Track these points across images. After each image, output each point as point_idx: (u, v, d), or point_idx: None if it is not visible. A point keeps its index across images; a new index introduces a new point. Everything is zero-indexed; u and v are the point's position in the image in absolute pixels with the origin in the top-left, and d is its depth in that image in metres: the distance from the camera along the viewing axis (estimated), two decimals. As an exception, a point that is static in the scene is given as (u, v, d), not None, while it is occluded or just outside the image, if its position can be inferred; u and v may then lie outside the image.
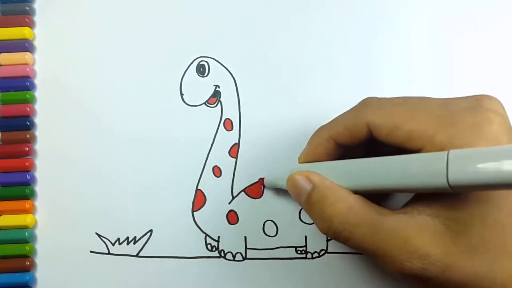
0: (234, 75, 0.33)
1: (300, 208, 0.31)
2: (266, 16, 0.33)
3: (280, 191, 0.31)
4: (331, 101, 0.32)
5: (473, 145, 0.21)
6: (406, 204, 0.24)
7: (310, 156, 0.27)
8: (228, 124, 0.32)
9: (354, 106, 0.26)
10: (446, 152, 0.20)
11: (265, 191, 0.32)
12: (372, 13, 0.33)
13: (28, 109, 0.32)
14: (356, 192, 0.24)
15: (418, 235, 0.22)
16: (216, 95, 0.32)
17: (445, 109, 0.23)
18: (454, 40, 0.33)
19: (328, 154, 0.27)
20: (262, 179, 0.31)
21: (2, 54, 0.33)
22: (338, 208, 0.24)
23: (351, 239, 0.24)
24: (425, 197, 0.23)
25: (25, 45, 0.33)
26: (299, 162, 0.28)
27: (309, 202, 0.25)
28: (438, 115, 0.23)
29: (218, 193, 0.32)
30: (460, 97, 0.24)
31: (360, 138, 0.25)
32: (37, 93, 0.33)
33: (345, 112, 0.26)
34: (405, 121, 0.23)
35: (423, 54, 0.33)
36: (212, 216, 0.31)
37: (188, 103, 0.32)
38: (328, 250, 0.31)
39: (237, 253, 0.31)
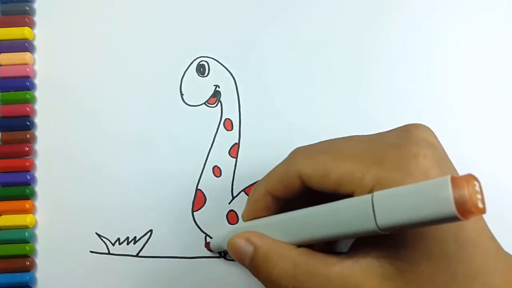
0: (234, 75, 0.33)
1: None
2: (267, 16, 0.33)
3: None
4: (331, 100, 0.32)
5: (400, 182, 0.20)
6: (352, 246, 0.24)
7: (251, 212, 0.27)
8: (228, 124, 0.32)
9: (285, 158, 0.26)
10: (370, 195, 0.20)
11: (265, 191, 0.31)
12: (370, 11, 0.33)
13: (28, 109, 0.32)
14: (299, 244, 0.24)
15: (366, 280, 0.22)
16: (216, 95, 0.32)
17: (371, 148, 0.22)
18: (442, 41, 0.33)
19: (268, 208, 0.26)
20: (206, 244, 0.31)
21: (2, 54, 0.33)
22: (283, 268, 0.23)
23: None
24: (368, 237, 0.22)
25: (25, 45, 0.33)
26: (243, 220, 0.27)
27: (253, 266, 0.24)
28: (364, 156, 0.22)
29: (218, 193, 0.32)
30: (388, 131, 0.24)
31: (295, 189, 0.25)
32: (37, 93, 0.33)
33: (277, 165, 0.26)
34: (333, 168, 0.22)
35: (418, 49, 0.33)
36: (212, 216, 0.31)
37: (188, 103, 0.32)
38: (328, 250, 0.31)
39: (237, 253, 0.31)
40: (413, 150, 0.21)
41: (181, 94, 0.33)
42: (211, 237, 0.31)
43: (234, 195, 0.32)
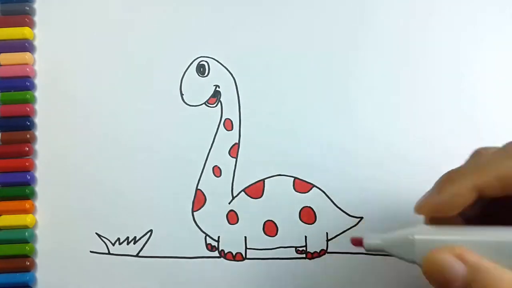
0: (234, 75, 0.33)
1: (300, 208, 0.31)
2: (267, 16, 0.33)
3: (280, 191, 0.31)
4: (331, 100, 0.32)
5: None
6: None
7: (443, 208, 0.22)
8: (228, 124, 0.32)
9: (507, 151, 0.21)
10: None
11: (265, 191, 0.31)
12: (371, 13, 0.33)
13: (28, 109, 0.32)
14: None
15: None
16: (216, 95, 0.32)
17: None
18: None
19: (464, 207, 0.21)
20: (355, 240, 0.23)
21: (2, 54, 0.33)
22: None
23: None
24: None
25: (25, 45, 0.33)
26: (419, 212, 0.23)
27: None
28: None
29: (218, 193, 0.32)
30: None
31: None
32: (37, 93, 0.33)
33: (493, 158, 0.22)
34: None
35: (421, 50, 0.33)
36: (212, 216, 0.31)
37: (188, 103, 0.32)
38: (328, 250, 0.31)
39: (237, 253, 0.31)
40: None
41: (181, 94, 0.33)
42: (211, 237, 0.31)
43: (234, 195, 0.32)
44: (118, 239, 0.31)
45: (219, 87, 0.32)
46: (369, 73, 0.33)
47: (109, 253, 0.31)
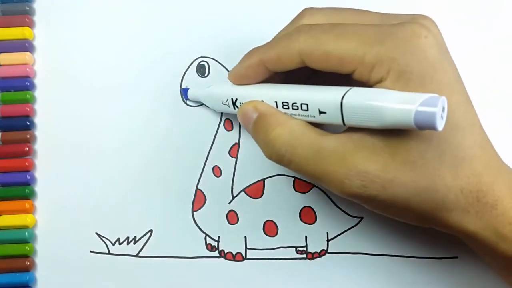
0: (234, 75, 0.33)
1: (300, 208, 0.31)
2: (266, 16, 0.33)
3: (280, 191, 0.31)
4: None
5: (400, 59, 0.22)
6: (347, 129, 0.24)
7: (240, 77, 0.27)
8: (228, 124, 0.32)
9: (288, 32, 0.25)
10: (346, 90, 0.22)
11: (265, 191, 0.31)
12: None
13: (28, 109, 0.32)
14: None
15: (356, 152, 0.22)
16: (216, 95, 0.32)
17: (376, 28, 0.23)
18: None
19: (257, 77, 0.27)
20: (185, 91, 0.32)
21: (2, 54, 0.33)
22: (280, 131, 0.24)
23: (293, 161, 0.24)
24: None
25: (25, 45, 0.33)
26: (229, 79, 0.28)
27: (255, 129, 0.26)
28: (367, 35, 0.22)
29: (218, 193, 0.32)
30: (397, 14, 0.24)
31: (291, 66, 0.25)
32: (37, 93, 0.33)
33: (278, 38, 0.26)
34: (335, 47, 0.23)
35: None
36: (212, 216, 0.31)
37: (188, 103, 0.32)
38: (328, 250, 0.31)
39: (237, 253, 0.31)
40: (416, 30, 0.22)
41: (181, 94, 0.33)
42: (211, 237, 0.31)
43: (234, 195, 0.32)
44: (118, 239, 0.31)
45: (219, 87, 0.32)
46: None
47: (109, 253, 0.31)
